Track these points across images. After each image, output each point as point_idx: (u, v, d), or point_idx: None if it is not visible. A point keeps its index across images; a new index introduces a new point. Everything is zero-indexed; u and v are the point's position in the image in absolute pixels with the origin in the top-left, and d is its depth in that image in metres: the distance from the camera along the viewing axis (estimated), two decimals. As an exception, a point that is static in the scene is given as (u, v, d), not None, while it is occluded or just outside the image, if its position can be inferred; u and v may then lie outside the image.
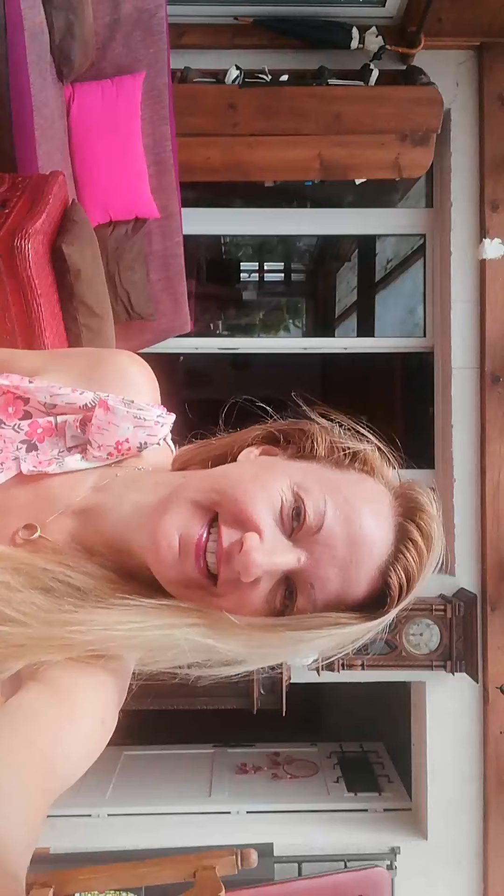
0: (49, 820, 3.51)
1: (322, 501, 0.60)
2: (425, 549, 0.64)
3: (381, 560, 0.62)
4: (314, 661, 3.19)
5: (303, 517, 0.60)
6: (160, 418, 0.70)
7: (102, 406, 0.67)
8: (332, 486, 0.62)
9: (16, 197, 2.03)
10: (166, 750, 4.15)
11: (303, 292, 6.41)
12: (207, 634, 0.59)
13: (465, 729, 3.42)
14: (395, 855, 3.34)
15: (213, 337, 4.92)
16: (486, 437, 3.34)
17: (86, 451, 0.68)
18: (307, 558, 0.60)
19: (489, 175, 3.31)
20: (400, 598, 0.62)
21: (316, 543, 0.60)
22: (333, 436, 0.68)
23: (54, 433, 0.69)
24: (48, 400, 0.68)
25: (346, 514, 0.61)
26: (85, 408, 0.69)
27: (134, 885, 1.93)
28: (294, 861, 3.25)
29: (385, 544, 0.62)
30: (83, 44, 2.40)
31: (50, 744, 0.58)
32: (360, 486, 0.64)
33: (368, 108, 3.04)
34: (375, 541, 0.62)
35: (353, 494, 0.63)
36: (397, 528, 0.64)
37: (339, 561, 0.60)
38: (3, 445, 0.68)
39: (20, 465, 0.67)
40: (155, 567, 0.61)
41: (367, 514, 0.62)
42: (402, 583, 0.62)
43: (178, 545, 0.59)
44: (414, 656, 3.23)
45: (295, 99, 3.04)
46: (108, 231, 2.71)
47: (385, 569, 0.62)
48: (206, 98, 3.02)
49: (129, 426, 0.68)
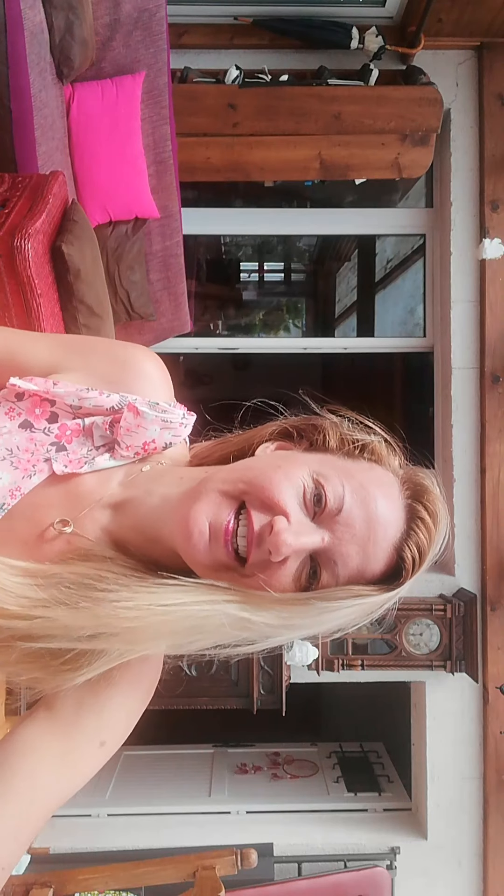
0: (49, 820, 3.51)
1: (340, 487, 0.66)
2: (433, 526, 0.69)
3: (395, 538, 0.68)
4: (313, 662, 3.19)
5: (324, 501, 0.66)
6: (183, 419, 0.75)
7: (132, 410, 0.71)
8: (346, 473, 0.68)
9: (16, 197, 2.03)
10: (166, 750, 4.15)
11: (303, 292, 6.41)
12: (243, 608, 0.64)
13: (465, 729, 3.42)
14: (395, 855, 3.34)
15: (213, 337, 4.92)
16: (486, 436, 3.34)
17: (114, 451, 0.73)
18: (330, 538, 0.65)
19: (489, 175, 3.31)
20: (413, 570, 0.68)
21: (337, 524, 0.66)
22: (343, 429, 0.74)
23: (82, 433, 0.73)
24: (76, 403, 0.72)
25: (362, 497, 0.67)
26: (112, 410, 0.73)
27: (134, 885, 1.93)
28: (294, 861, 3.25)
29: (397, 523, 0.68)
30: (83, 44, 2.40)
31: (44, 780, 0.65)
32: (371, 473, 0.70)
33: (368, 108, 3.04)
34: (389, 520, 0.67)
35: (366, 480, 0.68)
36: (407, 508, 0.70)
37: (358, 539, 0.66)
38: (35, 448, 0.71)
39: (52, 465, 0.70)
40: (187, 553, 0.66)
41: (379, 497, 0.68)
42: (415, 556, 0.68)
43: (208, 531, 0.64)
44: (414, 656, 3.23)
45: (295, 99, 3.04)
46: (108, 231, 2.71)
47: (399, 545, 0.68)
48: (206, 98, 3.02)
49: (157, 428, 0.73)
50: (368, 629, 3.33)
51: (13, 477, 0.70)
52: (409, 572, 0.68)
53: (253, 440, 0.76)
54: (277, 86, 3.06)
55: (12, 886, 1.83)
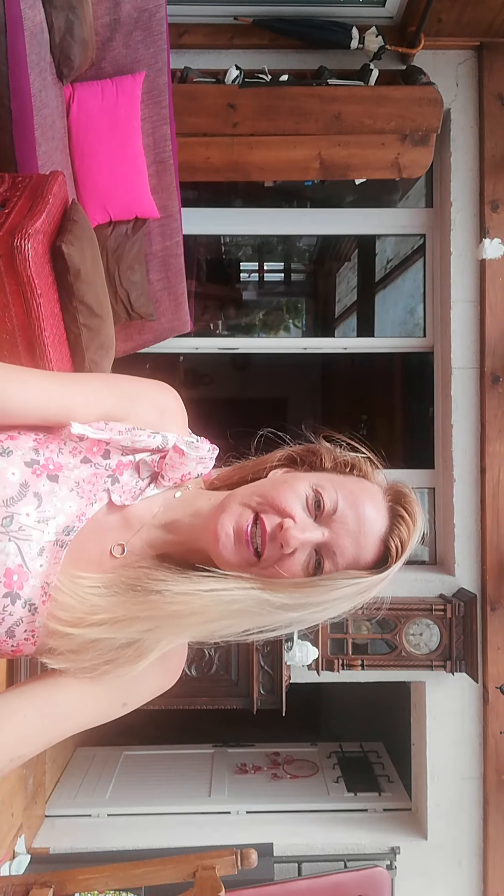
0: (49, 820, 3.51)
1: (334, 493, 0.84)
2: (412, 523, 0.86)
3: (381, 532, 0.85)
4: (313, 662, 3.19)
5: (322, 505, 0.83)
6: (210, 452, 0.92)
7: (177, 451, 0.89)
8: (340, 484, 0.86)
9: (16, 197, 2.03)
10: (166, 750, 4.15)
11: (303, 292, 6.41)
12: (265, 591, 0.80)
13: (465, 729, 3.42)
14: (395, 855, 3.34)
15: (213, 337, 4.92)
16: (486, 437, 3.34)
17: (157, 481, 0.90)
18: (329, 533, 0.83)
19: (489, 175, 3.31)
20: (397, 556, 0.84)
21: (334, 522, 0.83)
22: (336, 453, 0.92)
23: (132, 467, 0.91)
24: (128, 443, 0.89)
25: (353, 501, 0.84)
26: (157, 449, 0.91)
27: (134, 885, 1.93)
28: (294, 861, 3.25)
29: (383, 521, 0.85)
30: (83, 44, 2.40)
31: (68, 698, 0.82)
32: (360, 485, 0.88)
33: (368, 108, 3.04)
34: (376, 518, 0.85)
35: (355, 489, 0.86)
36: (390, 510, 0.87)
37: (351, 533, 0.83)
38: (95, 480, 0.88)
39: (110, 495, 0.87)
40: (217, 553, 0.83)
41: (367, 501, 0.85)
42: (398, 546, 0.85)
43: (233, 535, 0.82)
44: (414, 656, 3.23)
45: (295, 99, 3.04)
46: (108, 231, 2.71)
47: (385, 538, 0.85)
48: (206, 98, 3.02)
49: (194, 463, 0.90)
50: (368, 629, 3.33)
51: (79, 505, 0.86)
52: (394, 558, 0.84)
53: (264, 465, 0.94)
54: (277, 86, 3.06)
55: (12, 886, 1.83)
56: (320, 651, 3.19)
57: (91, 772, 3.90)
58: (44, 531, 0.83)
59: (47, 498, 0.84)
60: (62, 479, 0.86)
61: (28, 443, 0.85)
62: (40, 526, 0.83)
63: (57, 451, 0.87)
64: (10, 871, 3.00)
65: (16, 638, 0.81)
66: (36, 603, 0.81)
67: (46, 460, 0.85)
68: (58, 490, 0.85)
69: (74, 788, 3.74)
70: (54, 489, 0.84)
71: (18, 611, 0.80)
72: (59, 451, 0.87)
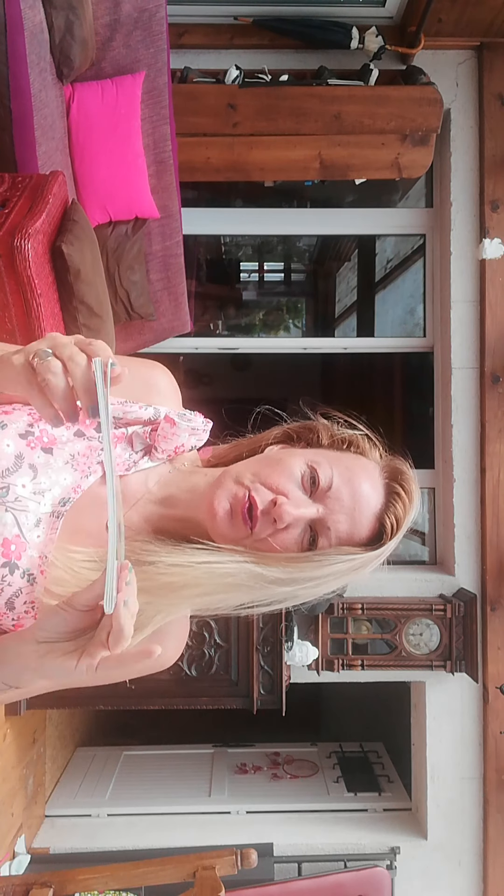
0: (49, 820, 3.51)
1: (329, 470, 0.84)
2: (408, 500, 0.86)
3: (377, 509, 0.84)
4: (313, 662, 3.19)
5: (317, 481, 0.83)
6: (203, 424, 0.91)
7: (169, 421, 0.88)
8: (335, 460, 0.86)
9: (16, 197, 2.03)
10: (166, 750, 4.15)
11: (303, 292, 6.41)
12: (258, 565, 0.80)
13: (465, 729, 3.42)
14: (395, 855, 3.34)
15: (213, 337, 4.91)
16: (486, 437, 3.34)
17: (151, 454, 0.90)
18: (324, 509, 0.83)
19: (489, 175, 3.31)
20: (393, 533, 0.84)
21: (328, 498, 0.83)
22: (332, 430, 0.91)
23: (124, 440, 0.90)
24: (119, 415, 0.89)
25: (348, 478, 0.84)
26: (149, 420, 0.90)
27: (134, 885, 1.93)
28: (294, 861, 3.25)
29: (378, 498, 0.85)
30: (83, 44, 2.40)
31: None
32: (356, 461, 0.87)
33: (368, 108, 3.04)
34: (371, 495, 0.85)
35: (351, 465, 0.86)
36: (386, 487, 0.87)
37: (346, 509, 0.83)
38: (89, 453, 0.87)
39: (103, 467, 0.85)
40: (213, 527, 0.83)
41: (363, 477, 0.85)
42: (393, 523, 0.84)
43: (230, 509, 0.81)
44: (414, 656, 3.23)
45: (295, 99, 3.04)
46: (108, 231, 2.71)
47: (381, 515, 0.85)
48: (206, 98, 3.02)
49: (186, 434, 0.90)
50: (368, 629, 3.33)
51: (74, 477, 0.85)
52: (388, 536, 0.84)
53: (260, 442, 0.93)
54: (277, 86, 3.06)
55: (12, 886, 1.83)
56: (320, 651, 3.19)
57: (91, 772, 3.90)
58: (40, 502, 0.82)
59: (42, 470, 0.83)
60: (56, 452, 0.85)
61: (23, 417, 0.85)
62: (36, 497, 0.82)
63: None
64: (10, 871, 3.00)
65: (16, 610, 0.80)
66: (34, 573, 0.80)
67: (41, 432, 0.85)
68: (53, 462, 0.84)
69: (74, 788, 3.74)
70: (49, 461, 0.84)
71: (17, 581, 0.79)
72: None
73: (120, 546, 0.68)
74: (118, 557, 0.67)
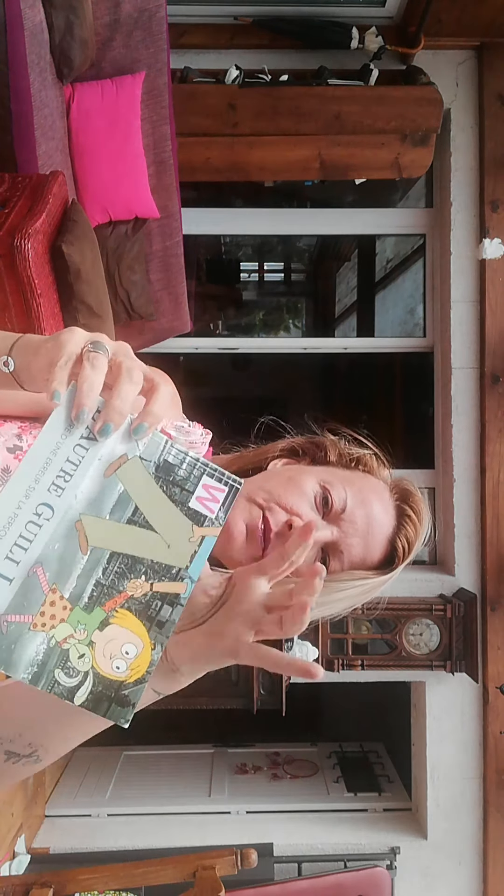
0: (49, 820, 3.51)
1: (343, 491, 0.82)
2: (419, 522, 0.85)
3: (388, 532, 0.84)
4: (314, 661, 3.19)
5: (330, 503, 0.81)
6: (202, 437, 0.89)
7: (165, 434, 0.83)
8: (347, 481, 0.83)
9: (16, 197, 2.03)
10: (166, 750, 4.15)
11: (303, 292, 6.41)
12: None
13: (465, 729, 3.42)
14: (395, 855, 3.34)
15: (213, 337, 4.92)
16: (486, 436, 3.34)
17: None
18: (338, 532, 0.81)
19: (489, 175, 3.31)
20: (404, 557, 0.84)
21: (343, 521, 0.81)
22: (340, 447, 0.89)
23: None
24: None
25: (362, 500, 0.82)
26: None
27: (134, 885, 1.93)
28: (294, 861, 3.25)
29: (390, 521, 0.84)
30: (83, 44, 2.40)
31: None
32: (367, 482, 0.86)
33: (368, 108, 3.04)
34: (384, 518, 0.84)
35: (363, 486, 0.84)
36: (396, 509, 0.86)
37: (360, 532, 0.82)
38: None
39: None
40: (227, 548, 0.80)
41: (375, 500, 0.84)
42: (405, 546, 0.84)
43: (245, 532, 0.79)
44: (414, 656, 3.23)
45: (295, 99, 3.04)
46: (108, 231, 2.71)
47: (392, 538, 0.84)
48: (206, 98, 3.02)
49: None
50: (368, 629, 3.33)
51: None
52: (400, 559, 0.84)
53: (264, 456, 0.91)
54: (277, 86, 3.06)
55: (12, 886, 1.83)
56: (320, 651, 3.19)
57: (91, 772, 3.90)
58: None
59: None
60: None
61: (12, 430, 0.84)
62: None
63: None
64: (10, 871, 3.00)
65: None
66: None
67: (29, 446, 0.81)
68: None
69: (74, 788, 3.74)
70: None
71: None
72: None
73: None
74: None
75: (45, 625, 0.53)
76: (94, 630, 0.55)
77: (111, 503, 0.56)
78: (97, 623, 0.55)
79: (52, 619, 0.54)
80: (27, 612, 0.53)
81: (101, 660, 0.55)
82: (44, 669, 0.53)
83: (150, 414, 0.58)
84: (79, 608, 0.54)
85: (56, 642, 0.53)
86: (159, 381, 0.60)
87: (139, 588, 0.57)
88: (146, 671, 0.56)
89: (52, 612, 0.54)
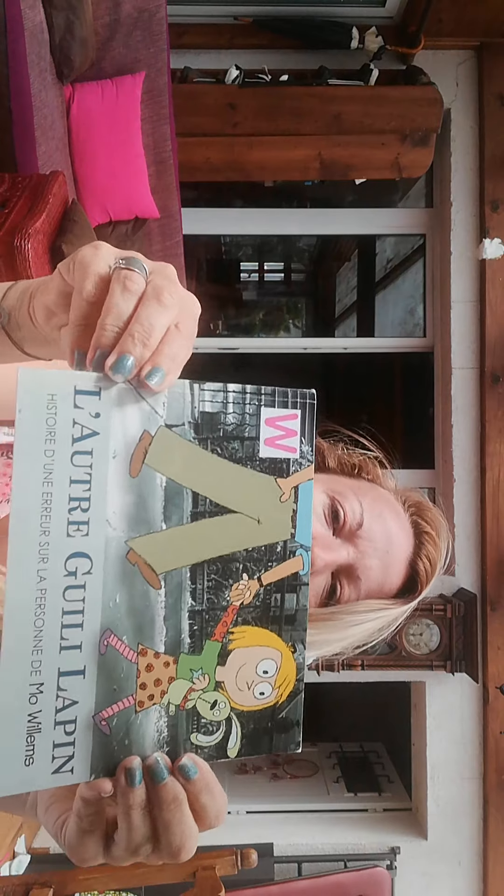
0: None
1: (357, 503, 0.68)
2: (438, 540, 0.74)
3: (408, 552, 0.71)
4: (314, 661, 3.19)
5: (342, 517, 0.67)
6: None
7: None
8: (358, 490, 0.70)
9: (16, 197, 2.03)
10: (166, 750, 4.14)
11: (303, 292, 6.41)
12: None
13: (465, 729, 3.42)
14: (395, 855, 3.34)
15: (213, 337, 4.91)
16: (486, 436, 3.34)
17: None
18: (354, 552, 0.67)
19: (489, 175, 3.31)
20: (427, 580, 0.73)
21: (359, 539, 0.68)
22: (339, 451, 0.77)
23: None
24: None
25: (378, 513, 0.69)
26: None
27: (134, 885, 1.93)
28: (294, 861, 3.25)
29: (409, 539, 0.72)
30: (83, 44, 2.40)
31: None
32: (375, 492, 0.73)
33: (368, 108, 3.04)
34: (402, 535, 0.71)
35: (376, 498, 0.71)
36: (413, 524, 0.74)
37: (380, 553, 0.68)
38: None
39: None
40: None
41: (390, 514, 0.71)
42: (428, 568, 0.73)
43: None
44: (414, 656, 3.23)
45: (295, 99, 3.04)
46: (108, 231, 2.71)
47: (412, 559, 0.72)
48: (206, 98, 3.02)
49: None
50: (368, 629, 3.33)
51: None
52: (423, 584, 0.72)
53: None
54: (277, 86, 3.06)
55: (12, 886, 1.83)
56: (320, 651, 3.19)
57: (91, 772, 3.89)
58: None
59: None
60: None
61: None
62: None
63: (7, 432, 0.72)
64: (10, 871, 3.00)
65: None
66: None
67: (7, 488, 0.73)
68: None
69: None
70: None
71: None
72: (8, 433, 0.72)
73: None
74: None
75: (153, 696, 0.42)
76: (215, 668, 0.43)
77: (159, 506, 0.41)
78: (215, 659, 0.43)
79: (159, 685, 0.42)
80: (123, 696, 0.41)
81: (238, 695, 0.44)
82: (177, 745, 0.42)
83: (164, 355, 0.41)
84: (184, 655, 0.42)
85: (176, 707, 0.42)
86: (183, 312, 0.43)
87: (246, 591, 0.44)
88: (296, 680, 0.46)
89: (154, 677, 0.42)
